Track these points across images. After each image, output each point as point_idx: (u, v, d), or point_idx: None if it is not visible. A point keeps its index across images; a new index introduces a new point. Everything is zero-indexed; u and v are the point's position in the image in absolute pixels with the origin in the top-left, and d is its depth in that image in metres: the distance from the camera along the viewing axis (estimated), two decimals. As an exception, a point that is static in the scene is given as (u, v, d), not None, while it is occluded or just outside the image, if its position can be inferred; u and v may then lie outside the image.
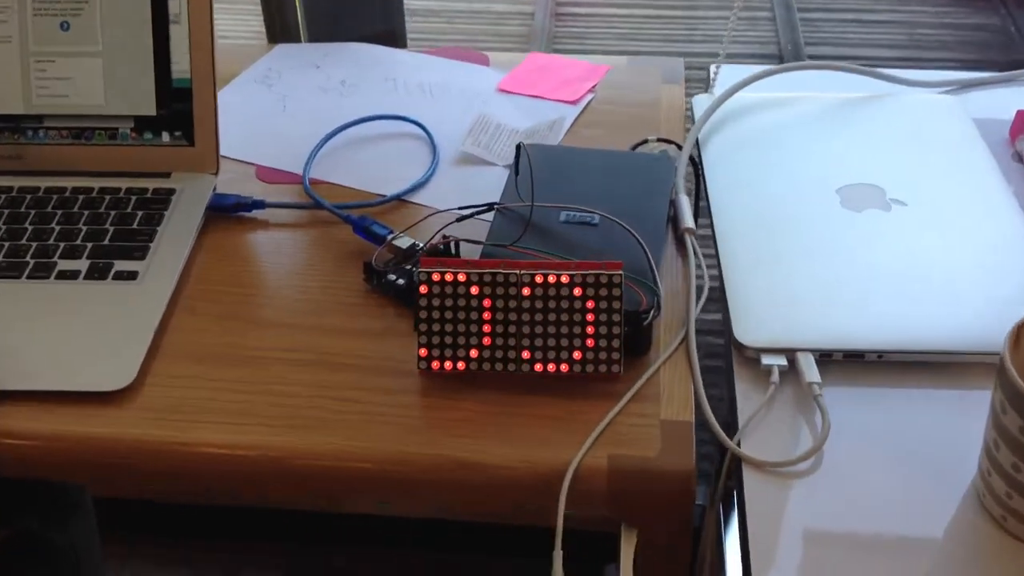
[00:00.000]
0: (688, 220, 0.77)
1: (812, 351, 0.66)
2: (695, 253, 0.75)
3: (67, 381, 0.66)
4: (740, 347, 0.67)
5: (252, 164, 0.88)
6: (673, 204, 0.78)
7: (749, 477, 0.61)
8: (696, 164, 0.82)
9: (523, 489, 0.62)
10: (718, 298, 0.72)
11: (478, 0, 2.63)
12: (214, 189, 0.82)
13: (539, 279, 0.64)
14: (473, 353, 0.65)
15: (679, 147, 0.84)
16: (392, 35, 1.12)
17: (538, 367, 0.65)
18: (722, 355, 0.70)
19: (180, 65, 0.82)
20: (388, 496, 0.63)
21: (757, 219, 0.77)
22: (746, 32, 2.51)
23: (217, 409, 0.65)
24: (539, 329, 0.65)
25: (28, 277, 0.74)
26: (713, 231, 0.77)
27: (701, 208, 0.80)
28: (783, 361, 0.66)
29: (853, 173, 0.80)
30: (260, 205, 0.81)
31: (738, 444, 0.63)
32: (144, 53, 0.82)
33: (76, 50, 0.82)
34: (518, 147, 0.77)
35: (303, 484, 0.63)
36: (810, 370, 0.65)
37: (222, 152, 0.85)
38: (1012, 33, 2.49)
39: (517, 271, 0.64)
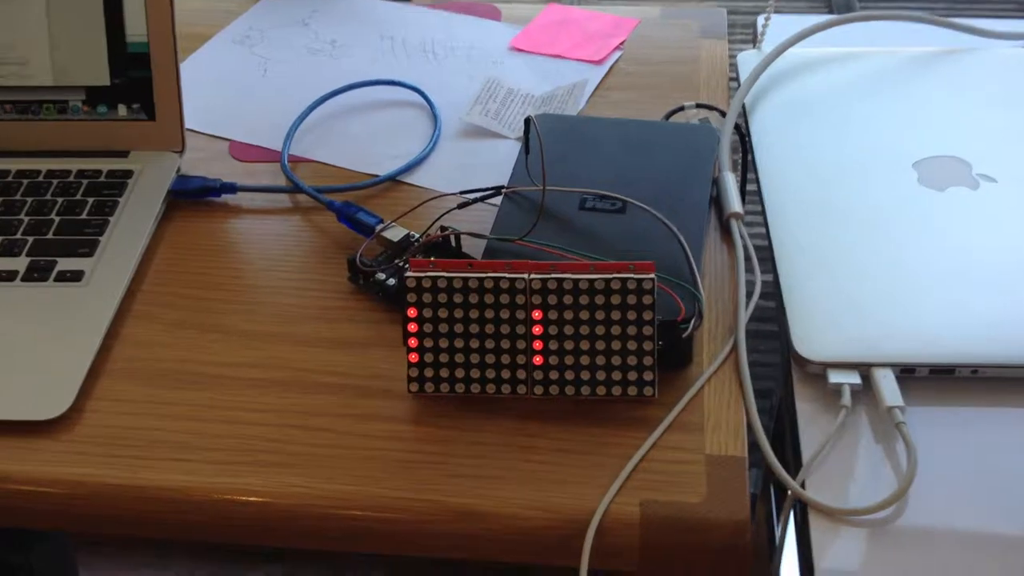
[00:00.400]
0: (735, 203, 0.68)
1: (892, 366, 0.56)
2: (744, 243, 0.65)
3: (-12, 409, 0.57)
4: (802, 361, 0.57)
5: (225, 139, 0.77)
6: (716, 184, 0.69)
7: (817, 526, 0.51)
8: (743, 135, 0.74)
9: (535, 544, 0.52)
10: (771, 292, 0.62)
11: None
12: (178, 170, 0.73)
13: (552, 284, 0.53)
14: (474, 373, 0.55)
15: (722, 114, 0.75)
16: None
17: (554, 390, 0.55)
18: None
19: (135, 28, 0.72)
20: (370, 547, 0.54)
21: (818, 201, 0.67)
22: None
23: (168, 442, 0.56)
24: (554, 345, 0.54)
25: (-42, 279, 0.64)
26: (764, 216, 0.67)
27: (749, 188, 0.71)
28: (856, 379, 0.56)
29: (932, 144, 0.71)
30: (230, 189, 0.71)
31: (802, 485, 0.52)
32: (94, 11, 0.71)
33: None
34: (527, 120, 0.65)
35: (268, 534, 0.54)
36: (890, 390, 0.55)
37: (191, 126, 0.78)
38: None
39: (525, 275, 0.53)
